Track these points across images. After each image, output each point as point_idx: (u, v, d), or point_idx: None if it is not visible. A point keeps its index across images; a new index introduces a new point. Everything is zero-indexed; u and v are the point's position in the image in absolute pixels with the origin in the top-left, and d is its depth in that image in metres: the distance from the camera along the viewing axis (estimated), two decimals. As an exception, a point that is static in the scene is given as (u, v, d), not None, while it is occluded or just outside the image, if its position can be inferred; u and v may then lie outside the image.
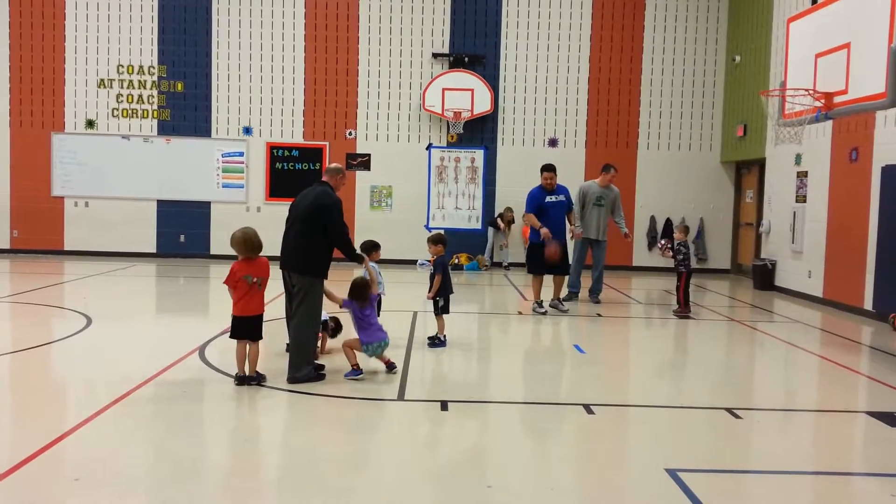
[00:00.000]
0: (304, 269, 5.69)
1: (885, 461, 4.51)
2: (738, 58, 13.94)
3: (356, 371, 5.78)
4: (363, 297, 5.81)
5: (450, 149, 14.72)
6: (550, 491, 3.88)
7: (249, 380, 5.53)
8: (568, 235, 9.55)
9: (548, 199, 9.20)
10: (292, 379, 5.61)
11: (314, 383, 5.61)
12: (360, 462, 4.31)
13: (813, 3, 8.33)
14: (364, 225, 14.33)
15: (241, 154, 14.66)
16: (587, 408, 5.25)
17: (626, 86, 14.65)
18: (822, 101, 7.48)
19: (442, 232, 7.57)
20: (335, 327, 6.71)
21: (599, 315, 9.32)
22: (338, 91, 14.63)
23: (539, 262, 9.12)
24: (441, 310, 7.11)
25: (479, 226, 14.74)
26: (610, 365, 7.00)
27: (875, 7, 6.78)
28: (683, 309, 9.34)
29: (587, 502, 3.82)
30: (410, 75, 14.63)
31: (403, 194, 14.73)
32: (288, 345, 5.99)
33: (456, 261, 14.02)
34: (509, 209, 14.31)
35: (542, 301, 9.20)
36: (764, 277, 12.32)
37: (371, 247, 6.89)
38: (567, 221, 9.53)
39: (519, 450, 4.52)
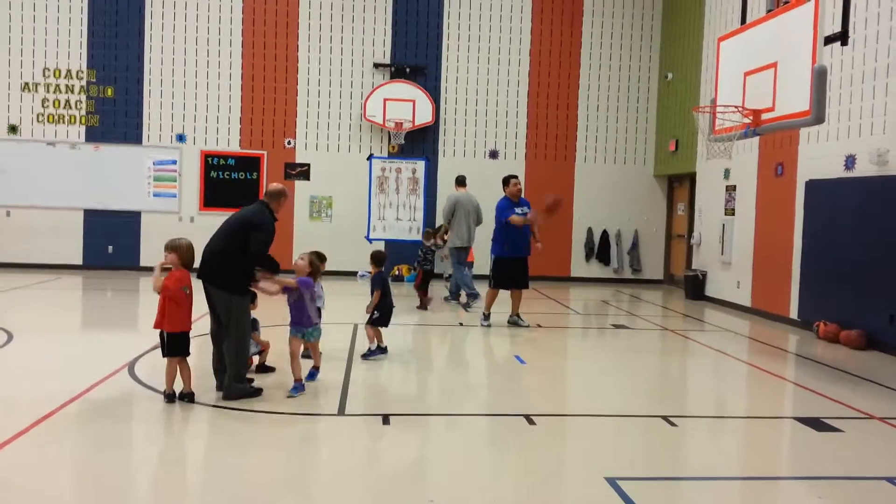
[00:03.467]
0: (225, 285, 5.44)
1: (811, 464, 4.69)
2: (670, 75, 14.42)
3: (299, 386, 5.65)
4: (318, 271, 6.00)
5: (391, 159, 14.67)
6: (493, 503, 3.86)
7: (181, 397, 5.32)
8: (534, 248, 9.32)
9: (516, 210, 9.06)
10: (227, 396, 5.44)
11: (251, 400, 5.44)
12: (300, 480, 4.19)
13: (742, 24, 8.66)
14: (303, 236, 14.10)
15: (174, 162, 14.23)
16: (528, 418, 5.27)
17: (564, 100, 14.95)
18: (751, 117, 7.77)
19: (382, 249, 7.50)
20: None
21: (540, 325, 9.41)
22: (276, 99, 14.39)
23: (505, 275, 9.08)
24: (376, 321, 7.03)
25: (419, 237, 14.70)
26: (550, 375, 7.07)
27: (800, 28, 7.10)
28: (421, 304, 10.46)
29: (529, 514, 3.82)
30: (351, 84, 14.53)
31: (344, 205, 14.58)
32: (216, 362, 5.69)
33: (397, 272, 13.95)
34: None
35: (489, 314, 9.20)
36: (695, 288, 12.73)
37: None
38: (531, 233, 9.28)
39: (461, 462, 4.48)
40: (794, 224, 10.11)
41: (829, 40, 7.39)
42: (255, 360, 6.23)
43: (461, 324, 9.46)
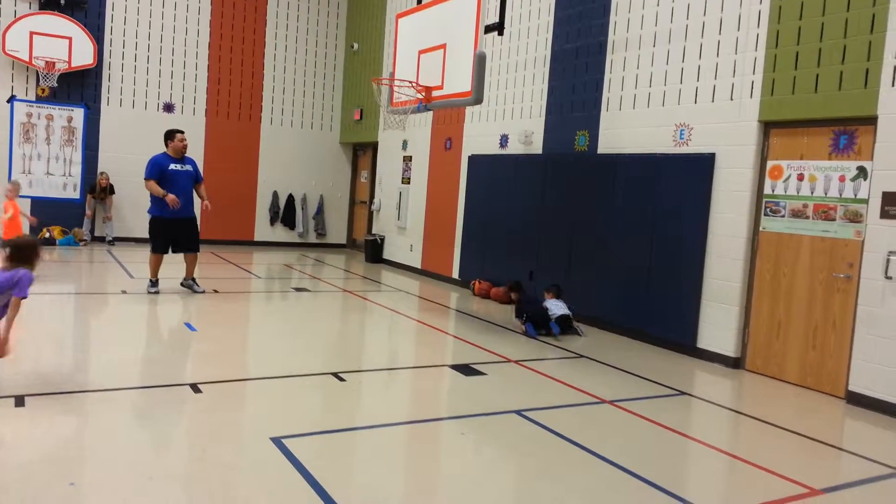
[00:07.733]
0: None
1: (459, 406, 5.26)
2: (356, 45, 14.76)
3: None
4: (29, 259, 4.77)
5: (40, 104, 12.59)
6: (149, 480, 3.57)
7: None
8: (199, 208, 8.82)
9: (172, 166, 8.43)
10: None
11: None
12: None
13: (419, 3, 9.16)
14: (-84, 188, 11.44)
15: None
16: (194, 387, 5.00)
17: (249, 58, 14.36)
18: (423, 93, 8.31)
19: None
20: None
21: (217, 291, 9.00)
22: None
23: (161, 238, 8.39)
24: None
25: (76, 195, 12.96)
26: (223, 341, 6.80)
27: (465, 15, 7.74)
28: None
29: (190, 484, 3.62)
30: (-15, 9, 12.07)
31: (-24, 153, 12.15)
32: None
33: (48, 234, 12.14)
34: (103, 174, 12.86)
35: (157, 280, 8.51)
36: (374, 251, 13.39)
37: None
38: (196, 193, 8.75)
39: (112, 441, 4.06)
40: (459, 194, 11.19)
41: (489, 29, 8.19)
42: None
43: (124, 291, 8.60)
